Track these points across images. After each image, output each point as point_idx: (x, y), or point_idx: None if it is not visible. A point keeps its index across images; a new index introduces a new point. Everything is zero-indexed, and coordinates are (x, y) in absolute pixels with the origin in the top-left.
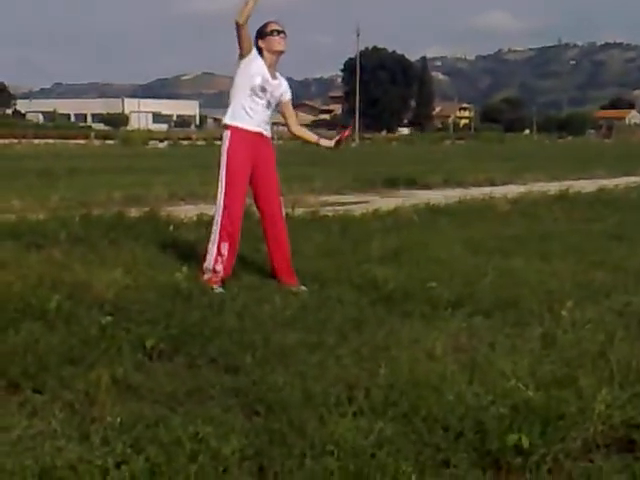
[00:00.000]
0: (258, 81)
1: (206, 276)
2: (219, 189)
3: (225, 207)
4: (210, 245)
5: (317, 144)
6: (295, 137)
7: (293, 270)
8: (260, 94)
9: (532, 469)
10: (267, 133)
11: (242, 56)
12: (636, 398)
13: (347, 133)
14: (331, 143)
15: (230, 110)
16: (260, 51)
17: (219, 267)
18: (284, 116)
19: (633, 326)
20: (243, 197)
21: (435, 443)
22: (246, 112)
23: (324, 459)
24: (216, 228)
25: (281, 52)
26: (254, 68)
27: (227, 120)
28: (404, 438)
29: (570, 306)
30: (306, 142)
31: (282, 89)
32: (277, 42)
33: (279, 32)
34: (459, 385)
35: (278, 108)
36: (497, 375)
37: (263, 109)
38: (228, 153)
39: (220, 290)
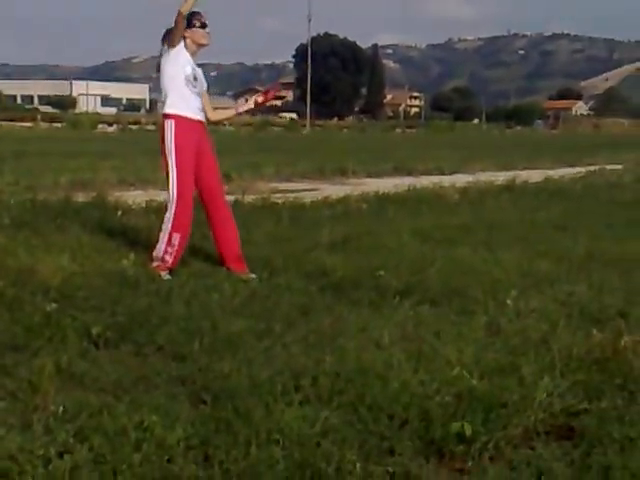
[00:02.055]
0: (189, 70)
1: (154, 263)
2: (171, 180)
3: (178, 197)
4: (162, 234)
5: (238, 114)
6: (216, 122)
7: (242, 257)
8: (193, 82)
9: (474, 456)
10: (204, 120)
11: (173, 46)
12: (576, 386)
13: (272, 93)
14: (250, 104)
15: (169, 100)
16: (183, 40)
17: (168, 257)
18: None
19: (575, 315)
20: (193, 186)
21: (380, 432)
22: (186, 101)
23: (269, 448)
24: (169, 217)
25: (205, 45)
26: (182, 57)
27: (168, 110)
28: (349, 427)
29: (515, 295)
30: (229, 119)
31: (203, 78)
32: (202, 35)
33: (204, 25)
34: (405, 373)
35: None
36: (442, 363)
37: (197, 97)
38: (176, 142)
39: (168, 277)
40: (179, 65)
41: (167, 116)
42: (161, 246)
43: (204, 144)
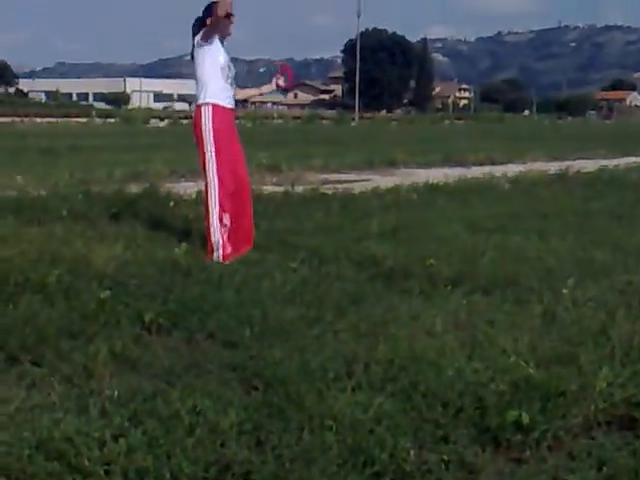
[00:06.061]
0: (222, 60)
1: (215, 254)
2: (209, 164)
3: (219, 180)
4: (211, 219)
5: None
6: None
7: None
8: (227, 72)
9: (532, 446)
10: (234, 108)
11: (208, 42)
12: (637, 376)
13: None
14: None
15: (204, 90)
16: None
17: (223, 237)
18: None
19: (635, 305)
20: (231, 170)
21: (434, 419)
22: (221, 90)
23: (322, 433)
24: (213, 201)
25: (229, 35)
26: (215, 49)
27: (206, 98)
28: (403, 414)
29: (571, 284)
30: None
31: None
32: (228, 25)
33: (230, 15)
34: (459, 361)
35: None
36: (497, 352)
37: (230, 86)
38: (214, 127)
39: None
40: (214, 57)
41: (204, 104)
42: (215, 230)
43: (235, 132)
